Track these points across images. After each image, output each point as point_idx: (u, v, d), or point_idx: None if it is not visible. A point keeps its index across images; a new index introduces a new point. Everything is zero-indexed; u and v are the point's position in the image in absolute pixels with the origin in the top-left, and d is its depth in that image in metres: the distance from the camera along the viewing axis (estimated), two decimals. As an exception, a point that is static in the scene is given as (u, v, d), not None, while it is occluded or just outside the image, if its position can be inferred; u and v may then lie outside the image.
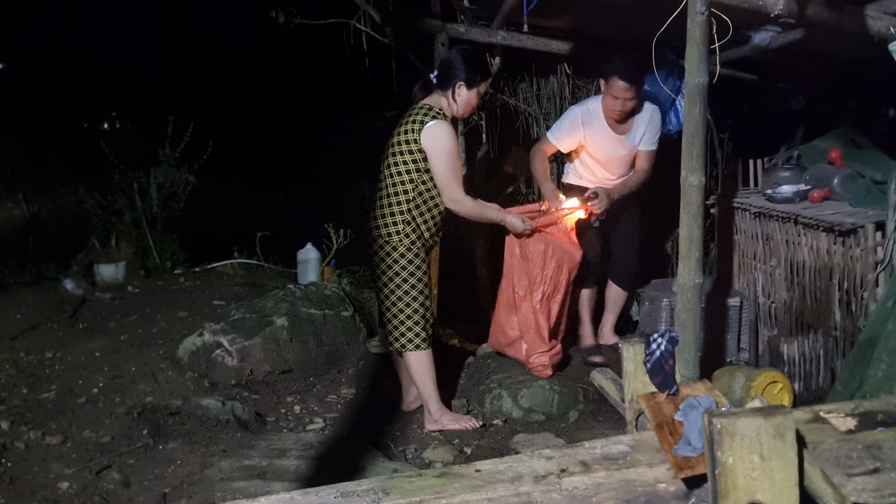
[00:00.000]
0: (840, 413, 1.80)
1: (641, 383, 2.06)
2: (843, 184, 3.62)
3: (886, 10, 2.92)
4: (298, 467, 2.76)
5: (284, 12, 4.45)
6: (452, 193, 3.17)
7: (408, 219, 3.19)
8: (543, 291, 3.52)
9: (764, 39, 3.68)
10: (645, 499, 1.62)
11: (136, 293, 4.79)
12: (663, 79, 3.83)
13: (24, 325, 4.19)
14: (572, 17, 3.99)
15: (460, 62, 3.19)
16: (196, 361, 3.70)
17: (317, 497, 1.58)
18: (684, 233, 2.41)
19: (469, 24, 4.26)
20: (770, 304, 3.87)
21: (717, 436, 1.44)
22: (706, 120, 2.35)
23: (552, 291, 3.53)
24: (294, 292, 4.17)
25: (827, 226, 3.32)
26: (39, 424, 3.15)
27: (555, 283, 3.52)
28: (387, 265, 3.21)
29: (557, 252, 3.49)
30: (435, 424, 3.28)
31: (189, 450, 2.94)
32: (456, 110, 3.23)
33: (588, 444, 1.76)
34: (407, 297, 3.21)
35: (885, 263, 2.95)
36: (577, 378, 3.64)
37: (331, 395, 3.66)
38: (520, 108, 4.81)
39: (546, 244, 3.48)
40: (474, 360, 3.95)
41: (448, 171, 3.14)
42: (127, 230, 5.32)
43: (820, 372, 3.48)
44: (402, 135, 3.19)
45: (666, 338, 2.07)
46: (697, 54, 2.27)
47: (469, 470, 1.65)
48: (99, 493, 2.67)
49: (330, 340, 4.01)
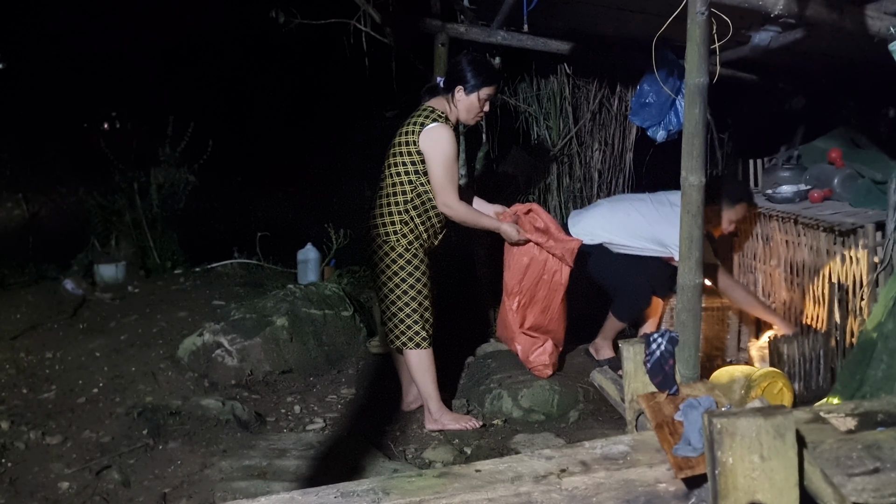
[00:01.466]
0: (840, 413, 1.80)
1: (641, 383, 2.06)
2: (843, 184, 3.62)
3: (886, 10, 2.91)
4: (298, 467, 2.76)
5: (284, 12, 4.45)
6: (446, 198, 3.17)
7: (406, 219, 3.19)
8: (519, 301, 3.55)
9: (764, 39, 3.67)
10: (645, 499, 1.62)
11: (136, 293, 4.79)
12: (663, 79, 3.83)
13: (24, 325, 4.19)
14: (572, 17, 3.98)
15: (463, 66, 3.19)
16: (196, 361, 3.70)
17: (317, 497, 1.58)
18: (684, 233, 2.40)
19: (469, 24, 4.25)
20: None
21: (717, 436, 1.44)
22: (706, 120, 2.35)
23: (528, 302, 3.54)
24: (294, 292, 4.18)
25: (827, 226, 3.32)
26: (39, 424, 3.15)
27: (531, 294, 3.53)
28: (385, 265, 3.22)
29: (538, 267, 3.49)
30: (435, 424, 3.28)
31: (189, 450, 2.94)
32: (456, 114, 3.23)
33: (588, 444, 1.76)
34: (406, 297, 3.21)
35: (885, 263, 2.95)
36: (577, 378, 3.65)
37: (331, 395, 3.66)
38: (520, 108, 4.81)
39: (530, 259, 3.48)
40: (474, 360, 3.96)
41: (443, 175, 3.14)
42: (127, 230, 5.32)
43: (820, 372, 3.48)
44: (402, 136, 3.20)
45: (666, 338, 2.08)
46: (697, 54, 2.26)
47: (469, 470, 1.66)
48: (99, 493, 2.67)
49: (330, 340, 4.01)
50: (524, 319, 3.57)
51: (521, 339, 3.57)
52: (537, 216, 3.56)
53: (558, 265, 3.51)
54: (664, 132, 4.12)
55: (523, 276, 3.51)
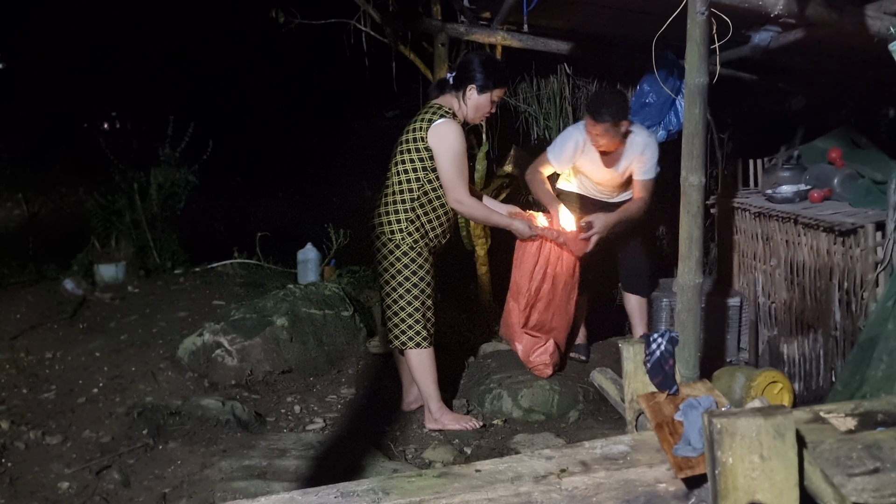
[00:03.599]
0: (840, 413, 1.80)
1: (641, 383, 2.06)
2: (843, 184, 3.62)
3: (886, 10, 2.92)
4: (298, 467, 2.76)
5: (284, 12, 4.45)
6: (456, 194, 3.14)
7: (412, 217, 3.17)
8: (527, 300, 3.53)
9: (764, 39, 3.67)
10: (645, 499, 1.62)
11: (136, 293, 4.79)
12: (663, 79, 3.83)
13: (24, 325, 4.19)
14: (572, 17, 3.98)
15: (476, 66, 3.16)
16: (196, 361, 3.70)
17: (317, 497, 1.58)
18: (684, 233, 2.41)
19: (469, 24, 4.26)
20: (770, 304, 3.87)
21: (717, 436, 1.44)
22: (706, 120, 2.35)
23: (535, 300, 3.54)
24: (294, 292, 4.17)
25: (827, 226, 3.32)
26: (39, 424, 3.14)
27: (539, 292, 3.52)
28: (389, 263, 3.20)
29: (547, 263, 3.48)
30: (435, 424, 3.28)
31: (189, 450, 2.94)
32: (466, 113, 3.21)
33: (588, 444, 1.76)
34: (408, 296, 3.20)
35: (885, 263, 2.95)
36: (577, 378, 3.64)
37: (331, 395, 3.66)
38: (520, 108, 4.81)
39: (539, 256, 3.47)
40: (474, 360, 3.96)
41: (453, 171, 3.12)
42: (127, 230, 5.32)
43: (820, 372, 3.48)
44: (410, 133, 3.18)
45: (666, 338, 2.08)
46: (697, 54, 2.26)
47: (469, 470, 1.65)
48: (99, 493, 2.67)
49: (330, 340, 4.01)
50: (528, 318, 3.56)
51: (523, 338, 3.57)
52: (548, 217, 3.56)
53: (568, 259, 3.51)
54: (664, 132, 4.13)
55: (532, 274, 3.49)
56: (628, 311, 4.00)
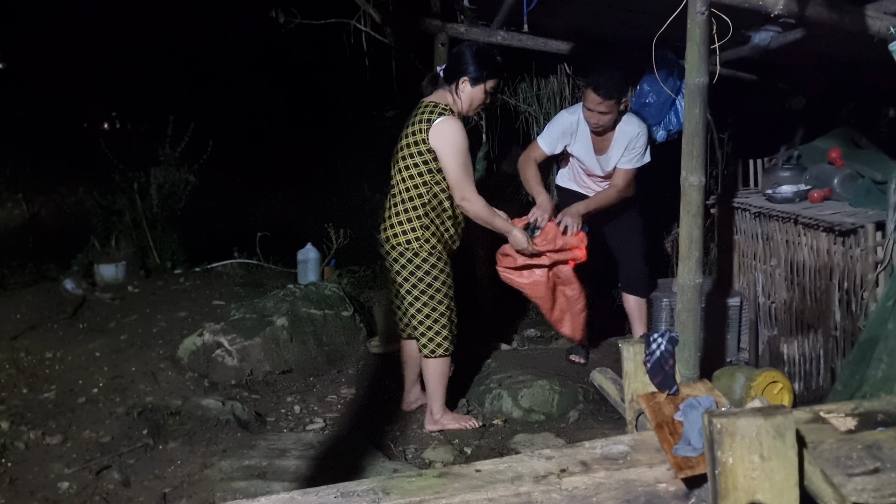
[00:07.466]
0: (840, 413, 1.80)
1: (641, 383, 2.06)
2: (843, 184, 3.62)
3: (886, 10, 2.92)
4: (298, 467, 2.76)
5: (285, 12, 4.45)
6: (464, 192, 3.06)
7: (426, 223, 3.08)
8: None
9: (764, 39, 3.67)
10: (645, 499, 1.62)
11: (136, 293, 4.79)
12: (663, 79, 3.83)
13: (24, 325, 4.19)
14: (572, 17, 3.98)
15: (468, 57, 3.09)
16: (196, 361, 3.70)
17: (317, 497, 1.58)
18: (684, 233, 2.41)
19: (469, 24, 4.25)
20: (770, 304, 3.87)
21: (717, 436, 1.44)
22: (706, 120, 2.35)
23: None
24: (294, 292, 4.17)
25: (827, 226, 3.32)
26: (39, 424, 3.15)
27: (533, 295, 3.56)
28: (409, 272, 3.11)
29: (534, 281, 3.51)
30: (435, 424, 3.27)
31: (189, 450, 2.94)
32: (461, 106, 3.13)
33: (588, 444, 1.75)
34: (433, 302, 3.13)
35: (885, 263, 2.95)
36: (577, 378, 3.65)
37: (331, 395, 3.66)
38: (520, 108, 4.81)
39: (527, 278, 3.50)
40: (474, 360, 3.95)
41: (459, 168, 3.03)
42: (127, 230, 5.32)
43: (820, 372, 3.48)
44: (410, 136, 3.09)
45: (666, 338, 2.07)
46: (697, 54, 2.27)
47: (469, 470, 1.65)
48: (99, 493, 2.67)
49: (330, 340, 4.01)
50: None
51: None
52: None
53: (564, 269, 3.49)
54: (664, 132, 4.12)
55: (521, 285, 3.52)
56: (628, 312, 3.99)
